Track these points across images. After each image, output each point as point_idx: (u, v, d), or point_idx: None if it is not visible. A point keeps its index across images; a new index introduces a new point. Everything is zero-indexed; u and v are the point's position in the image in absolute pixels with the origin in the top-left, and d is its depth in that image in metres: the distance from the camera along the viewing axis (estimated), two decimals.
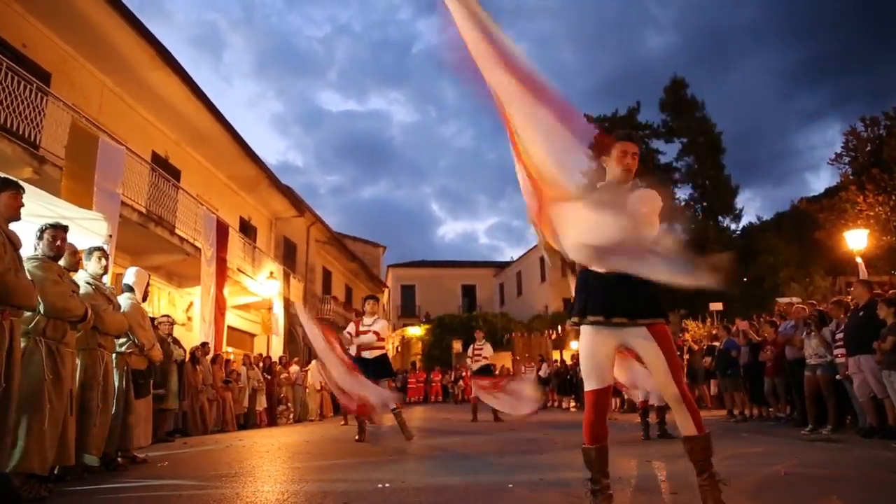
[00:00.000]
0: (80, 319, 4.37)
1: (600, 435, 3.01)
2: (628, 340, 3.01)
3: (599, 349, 3.01)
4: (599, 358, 3.02)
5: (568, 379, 17.16)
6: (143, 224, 10.86)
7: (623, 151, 3.11)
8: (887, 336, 6.16)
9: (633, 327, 2.96)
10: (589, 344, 3.02)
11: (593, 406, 3.03)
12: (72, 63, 11.27)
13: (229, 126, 14.88)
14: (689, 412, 2.90)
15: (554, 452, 5.92)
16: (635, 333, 2.97)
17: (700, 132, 32.39)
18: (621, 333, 2.99)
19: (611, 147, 3.15)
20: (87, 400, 4.75)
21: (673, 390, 2.91)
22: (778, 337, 8.77)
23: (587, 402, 3.06)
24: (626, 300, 2.95)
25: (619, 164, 3.10)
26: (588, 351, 3.03)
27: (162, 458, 6.07)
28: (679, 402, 2.91)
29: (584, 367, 3.05)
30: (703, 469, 2.86)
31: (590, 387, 3.03)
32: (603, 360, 3.02)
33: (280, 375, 13.54)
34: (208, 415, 10.28)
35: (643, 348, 2.98)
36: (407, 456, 6.08)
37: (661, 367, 2.94)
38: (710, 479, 2.84)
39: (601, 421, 3.03)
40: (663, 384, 2.94)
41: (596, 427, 3.02)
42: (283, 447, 7.30)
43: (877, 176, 18.06)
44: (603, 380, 3.02)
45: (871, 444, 6.03)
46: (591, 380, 3.02)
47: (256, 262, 16.92)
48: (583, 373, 3.07)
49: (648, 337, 2.95)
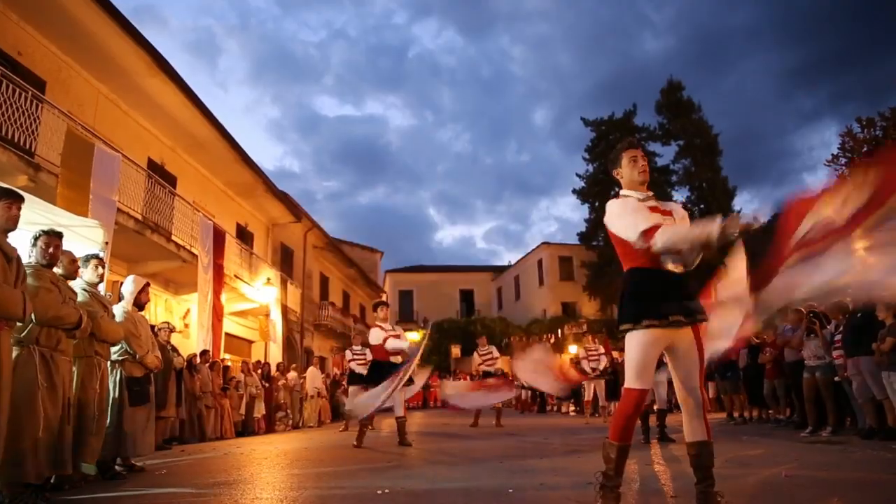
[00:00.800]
0: (75, 327, 4.34)
1: (629, 434, 3.00)
2: (675, 341, 2.98)
3: (651, 350, 2.96)
4: (651, 359, 2.97)
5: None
6: (139, 231, 10.83)
7: (633, 157, 3.24)
8: (886, 337, 6.16)
9: (683, 329, 2.95)
10: (644, 344, 2.94)
11: (635, 405, 2.98)
12: (67, 70, 11.26)
13: (225, 132, 14.87)
14: (706, 417, 2.94)
15: (554, 457, 5.90)
16: (684, 334, 2.97)
17: (697, 134, 32.51)
18: (671, 336, 2.97)
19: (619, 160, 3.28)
20: (83, 408, 4.72)
21: (699, 394, 2.95)
22: (777, 339, 8.77)
23: (630, 399, 2.98)
24: (692, 300, 2.99)
25: (633, 169, 3.22)
26: (643, 351, 2.94)
27: (160, 467, 6.03)
28: (700, 406, 2.94)
29: (636, 365, 2.96)
30: (705, 476, 2.87)
31: (638, 385, 2.95)
32: (653, 362, 2.99)
33: (278, 382, 13.49)
34: (206, 422, 10.24)
35: (686, 349, 2.98)
36: (407, 461, 6.05)
37: (696, 368, 2.96)
38: (709, 487, 2.85)
39: (634, 421, 3.03)
40: (693, 385, 2.96)
41: (629, 426, 3.00)
42: (282, 454, 7.26)
43: None
44: (649, 381, 3.00)
45: (870, 446, 6.01)
46: (641, 379, 2.95)
47: (253, 268, 16.88)
48: (632, 371, 2.97)
49: (693, 339, 2.97)
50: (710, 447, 2.90)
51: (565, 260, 37.11)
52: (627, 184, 3.25)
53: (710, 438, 2.92)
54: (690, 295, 3.02)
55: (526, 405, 19.87)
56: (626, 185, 3.26)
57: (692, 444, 2.94)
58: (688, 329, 2.96)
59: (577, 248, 36.14)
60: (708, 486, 2.85)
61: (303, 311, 21.68)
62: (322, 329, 23.91)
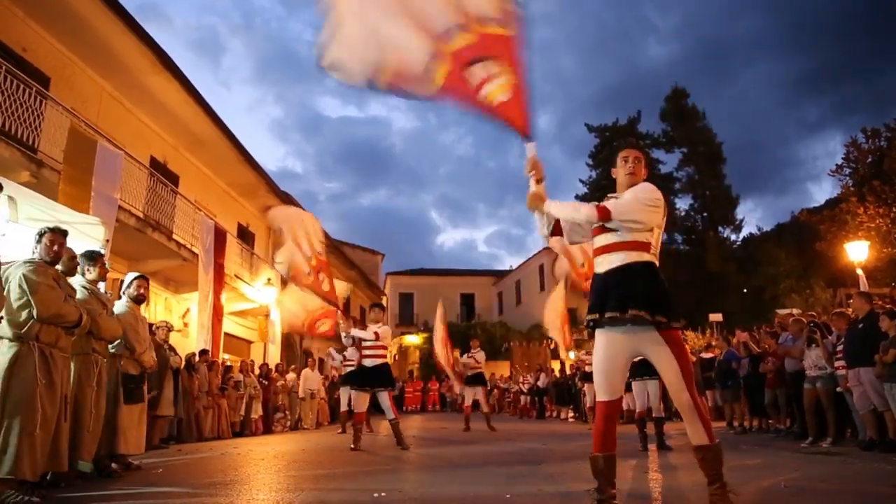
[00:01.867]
0: (75, 325, 4.33)
1: (609, 444, 3.02)
2: (642, 347, 3.02)
3: (614, 359, 3.03)
4: (613, 368, 3.04)
5: (567, 389, 17.06)
6: (140, 229, 10.81)
7: (623, 158, 3.33)
8: (889, 348, 6.13)
9: (645, 332, 2.96)
10: (603, 353, 3.04)
11: (604, 416, 3.05)
12: (71, 67, 11.26)
13: (228, 132, 14.86)
14: (701, 421, 2.92)
15: (552, 463, 5.87)
16: (649, 339, 2.98)
17: (700, 142, 32.51)
18: (634, 341, 3.00)
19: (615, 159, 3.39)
20: (80, 405, 4.71)
21: (685, 397, 2.93)
22: (778, 348, 8.73)
23: (598, 412, 3.07)
24: (623, 296, 2.98)
25: (622, 170, 3.32)
26: (602, 361, 3.05)
27: (156, 466, 6.02)
28: (691, 410, 2.92)
29: (597, 377, 3.07)
30: (714, 479, 2.88)
31: (602, 397, 3.05)
32: (616, 371, 3.05)
33: (277, 383, 13.46)
34: (204, 422, 10.21)
35: (656, 354, 2.99)
36: (404, 465, 6.02)
37: (673, 373, 2.96)
38: (720, 488, 2.86)
39: (610, 431, 3.05)
40: (675, 390, 2.96)
41: (605, 436, 3.02)
42: (279, 455, 7.24)
43: (878, 188, 18.05)
44: (614, 391, 3.05)
45: (871, 458, 5.98)
46: (603, 390, 3.04)
47: (254, 268, 16.87)
48: (595, 382, 3.08)
49: (661, 342, 2.97)
50: (713, 450, 2.90)
51: None
52: (617, 185, 3.34)
53: (712, 441, 2.91)
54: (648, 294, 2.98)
55: (524, 411, 19.83)
56: (619, 186, 3.34)
57: (695, 447, 2.96)
58: (651, 331, 2.96)
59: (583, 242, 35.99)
60: (718, 488, 2.86)
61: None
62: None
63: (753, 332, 11.17)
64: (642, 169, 3.32)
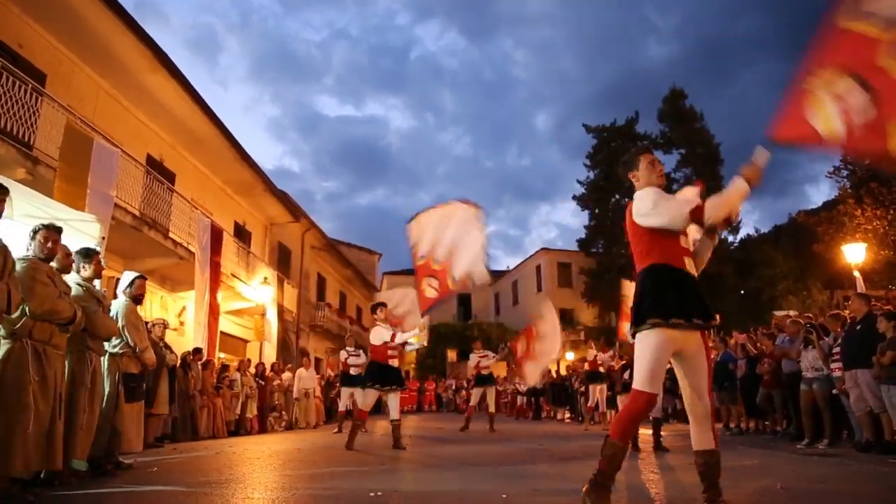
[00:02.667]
0: (69, 322, 4.30)
1: (630, 436, 3.03)
2: (684, 346, 2.97)
3: (665, 353, 2.95)
4: (663, 363, 2.97)
5: (563, 390, 17.06)
6: (136, 227, 10.78)
7: (650, 162, 3.29)
8: (887, 350, 6.12)
9: (694, 335, 2.96)
10: (657, 348, 2.93)
11: (647, 408, 2.96)
12: (68, 64, 11.23)
13: (225, 130, 14.83)
14: (713, 426, 2.94)
15: (549, 463, 5.87)
16: (693, 341, 2.97)
17: (698, 143, 32.49)
18: (682, 341, 2.96)
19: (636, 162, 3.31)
20: (74, 403, 4.67)
21: (706, 401, 2.95)
22: (775, 350, 8.74)
23: (641, 402, 2.94)
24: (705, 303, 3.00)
25: (652, 173, 3.26)
26: (656, 355, 2.93)
27: (151, 464, 5.99)
28: (707, 415, 2.94)
29: (649, 370, 2.93)
30: (711, 485, 2.88)
31: (650, 389, 2.93)
32: (665, 365, 2.99)
33: (273, 382, 13.43)
34: (199, 421, 10.18)
35: (694, 354, 2.98)
36: (400, 464, 6.01)
37: (703, 376, 2.98)
38: (716, 496, 2.86)
39: (639, 424, 3.11)
40: (700, 394, 2.96)
41: (634, 427, 3.06)
42: (275, 454, 7.22)
43: (875, 190, 18.06)
44: (660, 385, 3.02)
45: (867, 459, 5.99)
46: (653, 383, 2.93)
47: (250, 267, 16.83)
48: (645, 374, 2.94)
49: (701, 344, 2.98)
50: (717, 456, 2.91)
51: (564, 266, 37.07)
52: (645, 186, 3.25)
53: (718, 447, 2.92)
54: (703, 297, 3.02)
55: (521, 411, 19.82)
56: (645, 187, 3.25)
57: (700, 452, 2.93)
58: (696, 334, 2.96)
59: (576, 255, 36.08)
60: (714, 496, 2.85)
61: (299, 312, 21.62)
62: (318, 330, 23.85)
63: (750, 333, 11.18)
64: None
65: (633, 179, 3.31)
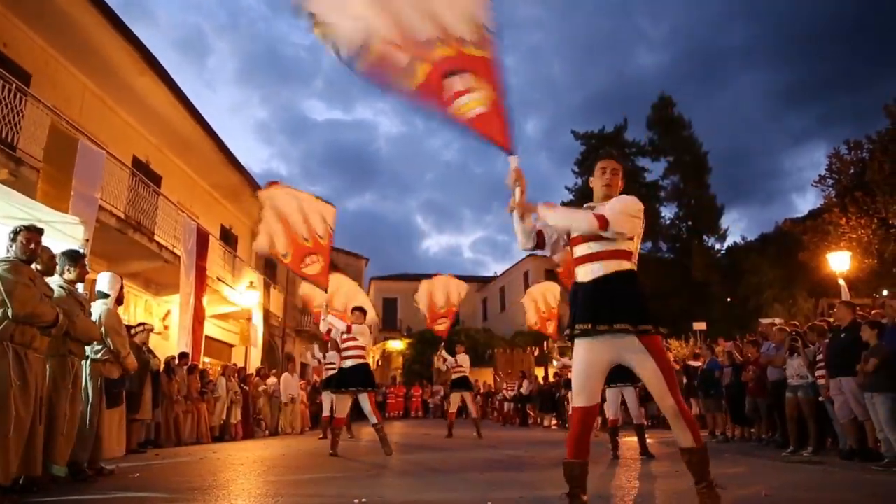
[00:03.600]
0: (52, 325, 4.24)
1: (583, 451, 3.05)
2: (622, 355, 3.03)
3: (592, 366, 3.05)
4: (591, 375, 3.06)
5: (550, 396, 17.05)
6: (121, 230, 10.67)
7: (601, 168, 3.34)
8: (870, 358, 6.16)
9: (625, 339, 2.98)
10: (581, 360, 3.06)
11: (580, 422, 3.07)
12: (53, 64, 11.12)
13: (213, 133, 14.76)
14: (687, 424, 2.96)
15: (534, 470, 5.85)
16: (629, 347, 3.00)
17: (686, 151, 32.73)
18: (615, 348, 3.02)
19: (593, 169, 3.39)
20: (55, 408, 4.61)
21: (670, 402, 2.96)
22: (760, 357, 8.77)
23: (574, 418, 3.09)
24: (610, 308, 3.00)
25: (599, 180, 3.33)
26: (580, 367, 3.07)
27: (133, 470, 5.91)
28: (676, 415, 2.95)
29: (575, 383, 3.08)
30: (701, 478, 2.93)
31: (578, 403, 3.06)
32: (594, 378, 3.07)
33: (258, 388, 13.32)
34: (183, 426, 10.08)
35: (638, 361, 3.01)
36: (385, 471, 5.97)
37: (657, 379, 2.98)
38: (707, 487, 2.92)
39: (586, 437, 3.07)
40: (659, 396, 2.99)
41: (581, 443, 3.05)
42: (259, 460, 7.15)
43: (860, 199, 18.24)
44: (592, 398, 3.07)
45: (851, 467, 6.03)
46: (581, 397, 3.05)
47: (237, 271, 16.73)
48: (573, 389, 3.08)
49: (643, 350, 2.99)
50: (699, 453, 2.94)
51: (552, 273, 37.11)
52: (594, 195, 3.36)
53: (699, 445, 2.94)
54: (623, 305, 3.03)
55: (507, 418, 19.80)
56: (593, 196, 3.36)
57: (681, 450, 3.00)
58: (633, 340, 2.97)
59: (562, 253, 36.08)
60: (705, 487, 2.92)
61: (285, 316, 21.49)
62: (304, 335, 23.72)
63: (737, 341, 11.24)
64: (619, 181, 3.34)
65: (591, 184, 3.42)
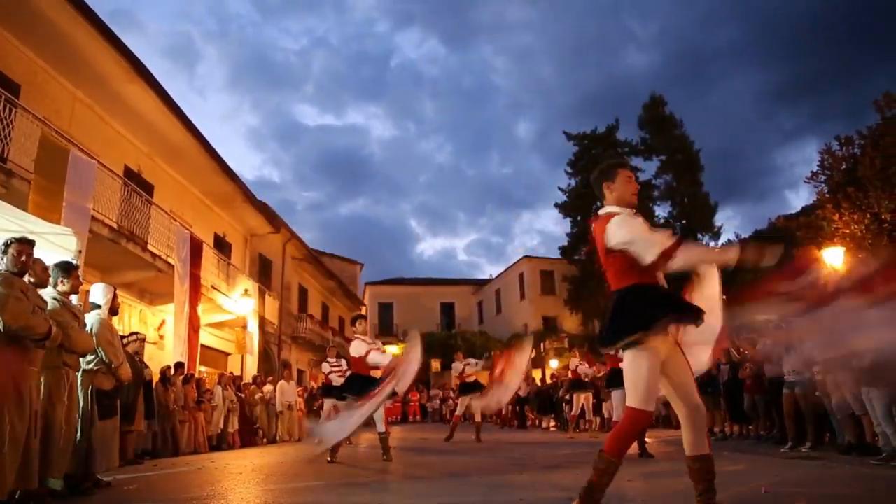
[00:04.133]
0: (44, 337, 4.21)
1: (624, 453, 3.00)
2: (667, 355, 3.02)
3: (656, 368, 2.96)
4: (657, 377, 2.98)
5: (549, 398, 17.04)
6: (114, 240, 10.61)
7: (628, 177, 3.28)
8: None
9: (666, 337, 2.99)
10: (650, 366, 2.94)
11: (643, 427, 3.14)
12: (43, 75, 11.07)
13: (204, 140, 14.71)
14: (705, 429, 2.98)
15: (534, 472, 5.83)
16: (672, 346, 3.02)
17: (678, 150, 32.77)
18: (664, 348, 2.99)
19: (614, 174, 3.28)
20: (50, 421, 4.57)
21: (698, 401, 2.98)
22: (757, 354, 8.78)
23: (637, 420, 2.96)
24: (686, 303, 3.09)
25: (628, 188, 3.26)
26: (650, 373, 2.94)
27: (130, 481, 5.87)
28: (702, 416, 2.96)
29: (644, 386, 2.94)
30: (707, 488, 2.89)
31: (647, 407, 2.94)
32: (658, 380, 3.01)
33: (254, 395, 13.26)
34: (180, 436, 10.02)
35: (676, 361, 3.03)
36: (384, 477, 5.94)
37: (692, 380, 3.02)
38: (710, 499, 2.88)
39: (634, 440, 3.06)
40: (690, 395, 2.99)
41: (628, 445, 3.01)
42: (257, 469, 7.11)
43: (852, 194, 18.25)
44: (655, 402, 3.02)
45: (849, 461, 6.03)
46: (649, 402, 2.95)
47: (231, 279, 16.67)
48: (640, 393, 2.94)
49: (678, 349, 3.04)
50: (711, 461, 2.93)
51: (547, 274, 37.18)
52: (618, 199, 3.25)
53: (711, 452, 2.94)
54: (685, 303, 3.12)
55: (506, 420, 19.79)
56: (617, 200, 3.25)
57: (695, 457, 2.93)
58: (674, 343, 3.01)
59: (558, 263, 36.19)
60: (709, 499, 2.87)
61: (280, 323, 21.44)
62: (300, 341, 23.67)
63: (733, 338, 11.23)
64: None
65: (608, 190, 3.29)
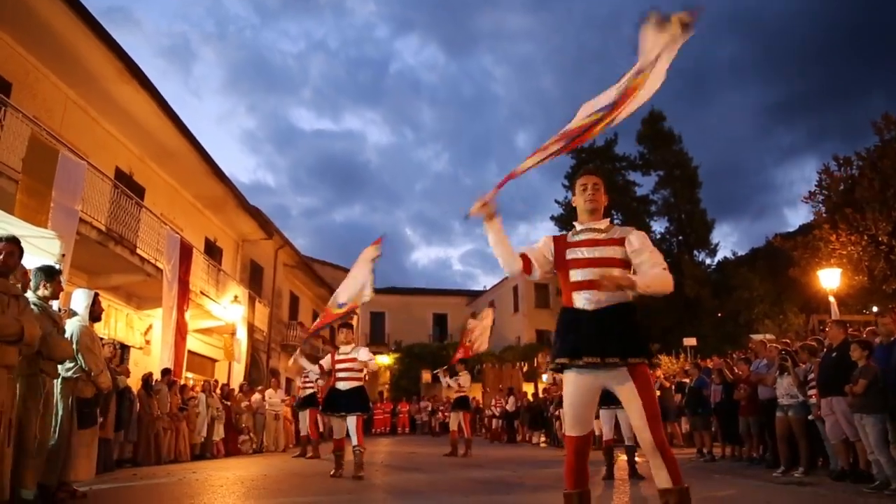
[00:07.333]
0: (16, 340, 4.05)
1: (583, 480, 2.90)
2: (609, 383, 2.89)
3: (584, 395, 2.91)
4: (584, 403, 2.93)
5: (539, 413, 16.87)
6: (102, 242, 10.43)
7: (582, 186, 3.19)
8: (859, 379, 6.07)
9: (616, 368, 2.82)
10: (574, 390, 2.92)
11: (575, 452, 2.92)
12: (34, 74, 10.92)
13: (197, 143, 14.54)
14: (666, 462, 2.73)
15: (522, 493, 5.70)
16: (616, 375, 2.84)
17: (677, 165, 32.79)
18: (604, 376, 2.87)
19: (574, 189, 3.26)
20: (24, 429, 4.42)
21: (648, 436, 2.76)
22: (751, 375, 8.69)
23: (569, 447, 2.94)
24: (617, 339, 2.83)
25: (580, 198, 3.19)
26: (573, 397, 2.93)
27: (107, 492, 5.71)
28: (654, 451, 2.75)
29: (568, 412, 2.95)
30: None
31: (573, 433, 2.93)
32: (587, 407, 2.95)
33: (241, 403, 13.07)
34: (162, 444, 9.82)
35: (623, 391, 2.86)
36: (369, 494, 5.79)
37: (638, 411, 2.81)
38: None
39: (583, 466, 2.93)
40: (638, 429, 2.82)
41: (578, 472, 2.91)
42: (240, 481, 6.95)
43: (850, 216, 18.20)
44: (586, 426, 2.94)
45: (841, 488, 5.95)
46: (575, 426, 2.92)
47: (221, 284, 16.48)
48: (566, 418, 2.96)
49: (629, 378, 2.83)
50: (678, 493, 2.69)
51: (541, 287, 37.04)
52: (578, 213, 3.20)
53: (677, 484, 2.69)
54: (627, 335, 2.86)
55: (495, 435, 19.62)
56: (578, 214, 3.21)
57: (660, 492, 2.76)
58: (623, 371, 2.82)
59: (552, 276, 36.06)
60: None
61: (270, 331, 21.26)
62: (289, 349, 23.44)
63: (727, 358, 11.16)
64: (602, 195, 3.17)
65: (574, 204, 3.27)
